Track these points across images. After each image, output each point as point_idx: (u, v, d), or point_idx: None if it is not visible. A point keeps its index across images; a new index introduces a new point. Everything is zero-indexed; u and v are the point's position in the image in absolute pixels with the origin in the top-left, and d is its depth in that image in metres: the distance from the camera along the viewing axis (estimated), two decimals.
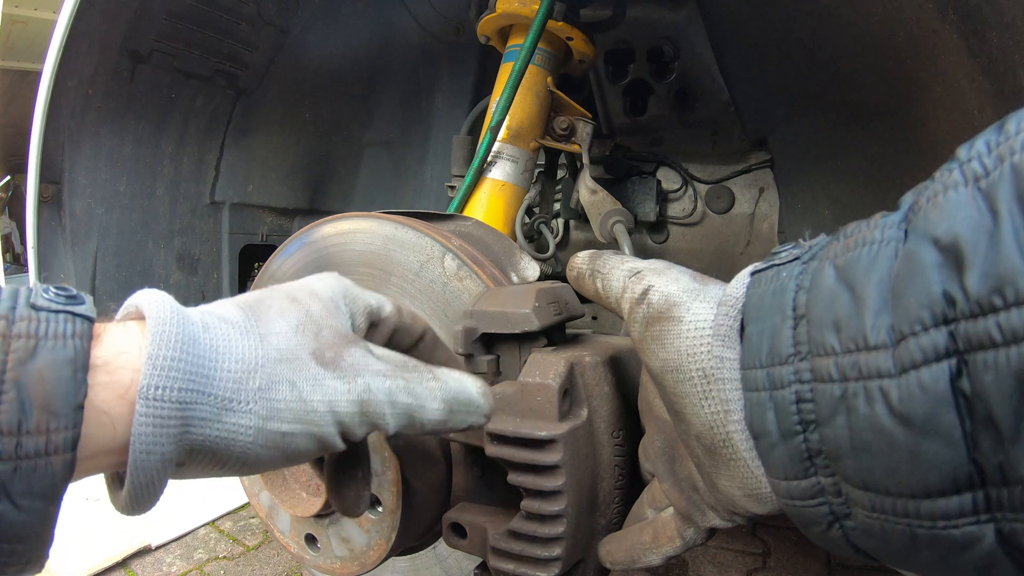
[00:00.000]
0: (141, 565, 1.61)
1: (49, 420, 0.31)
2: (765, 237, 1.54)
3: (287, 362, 0.38)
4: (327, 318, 0.41)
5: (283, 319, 0.40)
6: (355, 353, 0.40)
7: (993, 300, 0.25)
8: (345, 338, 0.41)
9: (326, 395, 0.38)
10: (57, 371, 0.31)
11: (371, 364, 0.40)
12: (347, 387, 0.38)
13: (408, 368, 0.42)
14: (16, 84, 4.40)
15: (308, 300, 0.42)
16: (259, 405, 0.36)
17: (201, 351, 0.36)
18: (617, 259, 0.49)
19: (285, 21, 1.36)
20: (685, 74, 1.46)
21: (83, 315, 0.34)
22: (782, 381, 0.34)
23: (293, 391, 0.37)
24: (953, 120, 0.90)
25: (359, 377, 0.39)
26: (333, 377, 0.38)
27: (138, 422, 0.33)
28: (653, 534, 0.50)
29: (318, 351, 0.39)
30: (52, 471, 0.31)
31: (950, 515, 0.28)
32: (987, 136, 0.27)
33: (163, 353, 0.34)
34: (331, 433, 0.38)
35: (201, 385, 0.35)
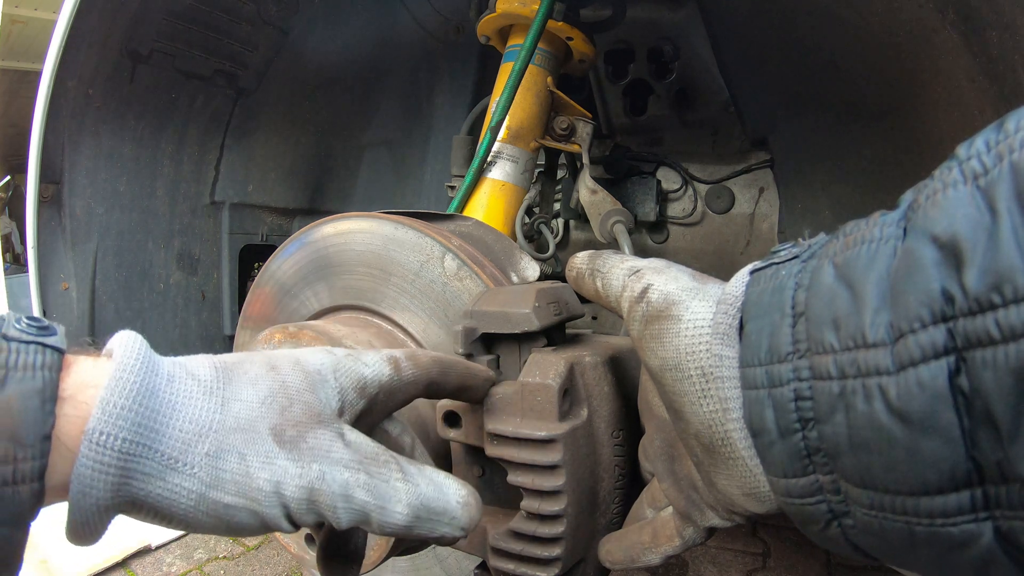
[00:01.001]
0: (141, 565, 1.61)
1: (17, 450, 0.31)
2: (765, 237, 1.54)
3: (242, 432, 0.37)
4: (303, 393, 0.40)
5: (253, 387, 0.38)
6: (321, 436, 0.39)
7: (992, 297, 0.25)
8: (316, 417, 0.39)
9: (274, 475, 0.36)
10: (25, 402, 0.31)
11: (334, 451, 0.38)
12: (299, 471, 0.37)
13: (378, 462, 0.40)
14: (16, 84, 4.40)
15: (289, 371, 0.40)
16: (204, 471, 0.35)
17: (157, 405, 0.35)
18: (617, 258, 0.49)
19: (285, 21, 1.36)
20: (685, 74, 1.46)
21: (53, 346, 0.34)
22: (781, 379, 0.34)
23: (241, 464, 0.36)
24: (953, 120, 0.90)
25: (315, 463, 0.37)
26: (286, 458, 0.37)
27: (79, 463, 0.33)
28: (652, 534, 0.50)
29: (279, 427, 0.38)
30: (19, 499, 0.31)
31: (948, 513, 0.28)
32: (986, 134, 0.27)
33: (115, 400, 0.33)
34: (275, 515, 0.37)
35: (149, 440, 0.34)
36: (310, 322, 0.69)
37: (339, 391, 0.42)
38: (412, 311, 0.68)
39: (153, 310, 1.32)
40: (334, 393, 0.41)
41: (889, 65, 1.02)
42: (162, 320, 1.33)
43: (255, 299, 0.80)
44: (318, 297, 0.74)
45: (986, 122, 0.28)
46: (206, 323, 1.42)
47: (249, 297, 0.81)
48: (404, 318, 0.68)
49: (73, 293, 1.16)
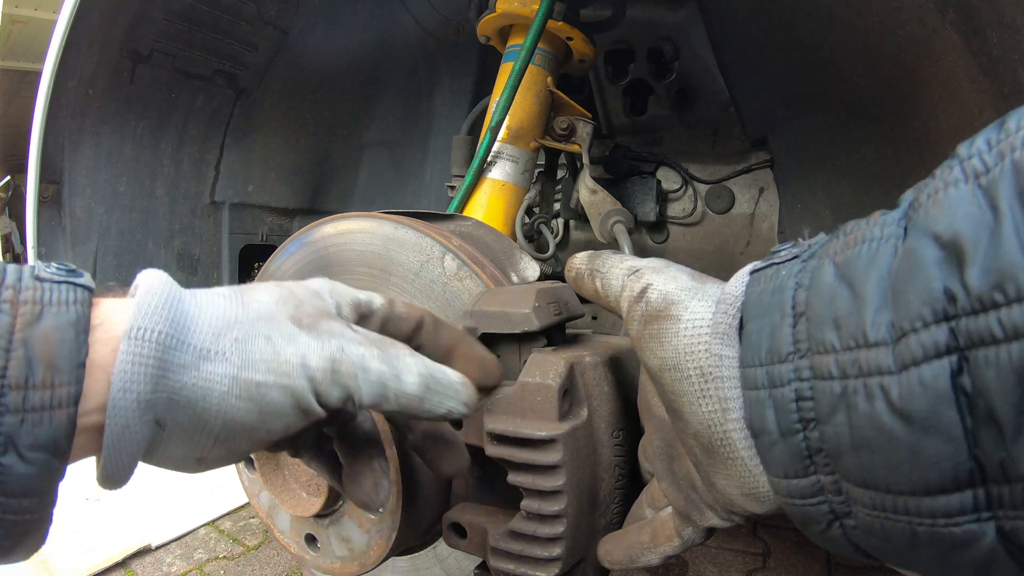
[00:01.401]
0: (141, 565, 1.61)
1: (54, 376, 0.33)
2: (765, 237, 1.54)
3: (265, 320, 0.40)
4: (310, 298, 0.43)
5: (266, 293, 0.42)
6: (333, 323, 0.42)
7: (994, 296, 0.25)
8: (325, 314, 0.43)
9: (299, 349, 0.39)
10: (61, 332, 0.34)
11: (347, 333, 0.42)
12: (320, 345, 0.40)
13: (386, 343, 0.43)
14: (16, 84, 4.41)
15: (293, 286, 0.44)
16: (235, 355, 0.38)
17: (185, 308, 0.38)
18: (616, 258, 0.49)
19: (285, 21, 1.36)
20: (685, 74, 1.46)
21: (83, 285, 0.37)
22: (781, 379, 0.34)
23: (268, 344, 0.39)
24: (953, 120, 0.90)
25: (333, 339, 0.41)
26: (308, 336, 0.40)
27: (119, 360, 0.35)
28: (652, 534, 0.50)
29: (296, 316, 0.41)
30: (56, 424, 0.33)
31: (950, 512, 0.28)
32: (987, 133, 0.27)
33: (149, 301, 0.36)
34: (303, 388, 0.39)
35: (182, 333, 0.37)
36: None
37: (335, 305, 0.45)
38: None
39: None
40: (331, 304, 0.45)
41: (889, 65, 1.02)
42: None
43: None
44: None
45: (986, 122, 0.28)
46: None
47: None
48: None
49: None
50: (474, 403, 0.45)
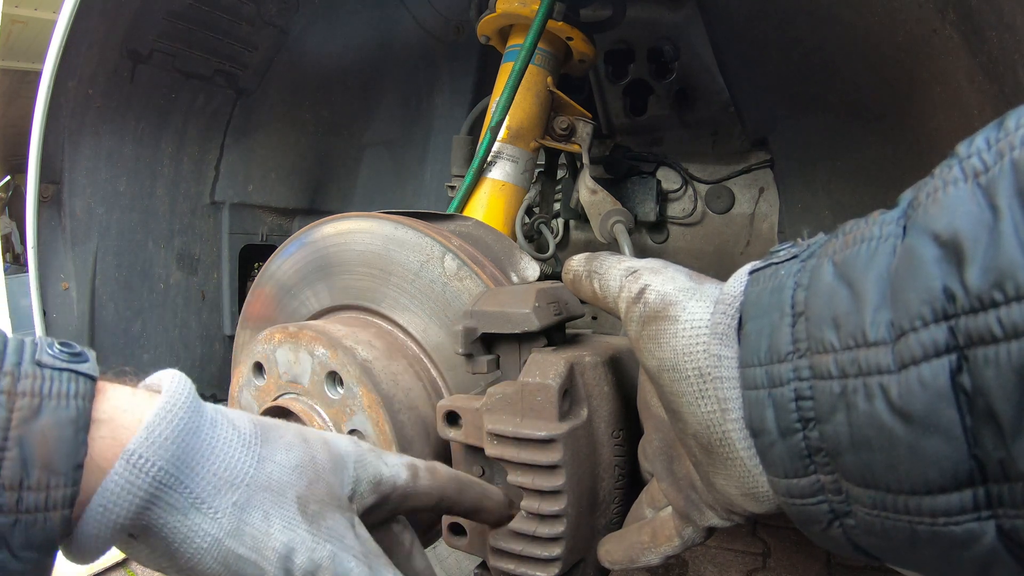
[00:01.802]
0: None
1: (50, 478, 0.32)
2: (765, 237, 1.54)
3: (272, 493, 0.38)
4: (328, 473, 0.41)
5: (287, 453, 0.40)
6: (338, 520, 0.40)
7: (993, 295, 0.25)
8: (336, 500, 0.41)
9: (291, 541, 0.38)
10: (59, 431, 0.32)
11: (347, 538, 0.40)
12: (314, 545, 0.38)
13: (380, 564, 0.41)
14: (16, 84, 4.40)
15: (319, 447, 0.42)
16: (228, 519, 0.36)
17: (197, 444, 0.36)
18: (614, 259, 0.49)
19: (285, 21, 1.36)
20: (685, 74, 1.46)
21: (86, 374, 0.35)
22: (781, 379, 0.34)
23: (264, 522, 0.37)
24: (953, 120, 0.90)
25: (329, 543, 0.39)
26: (306, 529, 0.38)
27: (110, 478, 0.33)
28: (652, 533, 0.50)
29: (304, 498, 0.39)
30: (51, 525, 0.32)
31: (951, 511, 0.28)
32: (987, 132, 0.27)
33: (160, 428, 0.35)
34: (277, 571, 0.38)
35: (183, 475, 0.35)
36: (310, 322, 0.69)
37: (354, 480, 0.43)
38: (412, 311, 0.68)
39: (153, 310, 1.31)
40: (349, 482, 0.43)
41: (889, 65, 1.02)
42: (162, 320, 1.33)
43: (255, 299, 0.80)
44: (318, 297, 0.74)
45: (986, 122, 0.28)
46: (206, 323, 1.42)
47: (249, 297, 0.81)
48: (404, 318, 0.68)
49: (73, 293, 1.16)
50: None
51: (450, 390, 0.67)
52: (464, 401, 0.57)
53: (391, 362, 0.64)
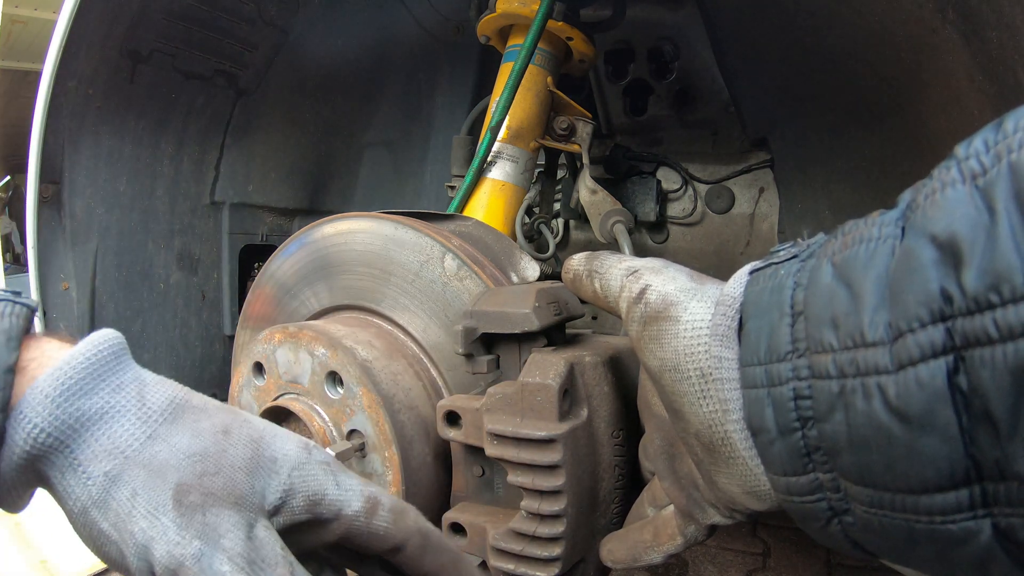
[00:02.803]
0: None
1: None
2: (765, 237, 1.54)
3: (146, 471, 0.35)
4: (237, 472, 0.36)
5: (192, 439, 0.37)
6: (224, 518, 0.35)
7: (990, 297, 0.25)
8: (233, 499, 0.36)
9: (151, 529, 0.34)
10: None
11: (227, 539, 0.34)
12: (177, 539, 0.34)
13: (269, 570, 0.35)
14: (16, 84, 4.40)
15: (240, 445, 0.37)
16: (97, 488, 0.35)
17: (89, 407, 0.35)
18: (614, 259, 0.49)
19: (285, 21, 1.36)
20: (685, 74, 1.46)
21: (24, 303, 0.37)
22: (780, 378, 0.34)
23: (130, 500, 0.34)
24: (953, 120, 0.90)
25: (198, 540, 0.34)
26: (172, 520, 0.34)
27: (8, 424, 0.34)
28: (654, 532, 0.50)
29: (184, 487, 0.35)
30: None
31: (947, 510, 0.28)
32: (985, 134, 0.27)
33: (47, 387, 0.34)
34: (141, 569, 0.34)
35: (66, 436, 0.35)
36: (310, 322, 0.69)
37: (285, 490, 0.38)
38: (412, 311, 0.68)
39: (153, 310, 1.31)
40: (277, 489, 0.38)
41: (889, 65, 1.02)
42: (162, 320, 1.33)
43: (255, 299, 0.80)
44: (318, 297, 0.74)
45: (985, 122, 0.28)
46: (206, 323, 1.42)
47: (249, 297, 0.81)
48: (404, 318, 0.68)
49: (73, 293, 1.16)
50: None
51: (450, 390, 0.67)
52: (464, 401, 0.57)
53: (391, 362, 0.64)
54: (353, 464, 0.61)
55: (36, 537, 1.71)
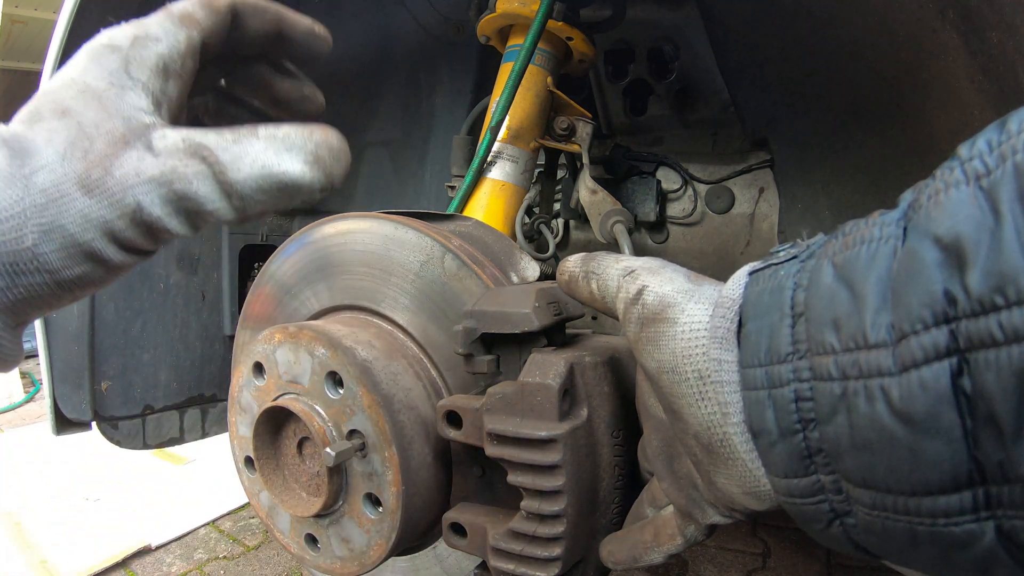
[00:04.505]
0: (141, 565, 1.61)
1: None
2: (765, 237, 1.54)
3: (54, 204, 0.34)
4: (103, 122, 0.36)
5: (50, 147, 0.35)
6: (126, 162, 0.35)
7: (995, 299, 0.25)
8: (122, 141, 0.36)
9: (97, 228, 0.35)
10: None
11: (143, 169, 0.35)
12: (117, 212, 0.35)
13: (186, 159, 0.36)
14: (16, 84, 4.40)
15: (81, 107, 0.36)
16: (42, 264, 0.34)
17: None
18: (611, 259, 0.49)
19: None
20: (685, 74, 1.46)
21: None
22: (781, 379, 0.34)
23: (66, 235, 0.35)
24: (953, 120, 0.90)
25: (128, 195, 0.35)
26: (100, 205, 0.35)
27: None
28: (654, 532, 0.50)
29: (85, 175, 0.35)
30: None
31: (950, 512, 0.28)
32: (988, 134, 0.27)
33: None
34: (113, 251, 0.36)
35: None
36: (310, 322, 0.69)
37: (143, 89, 0.37)
38: (412, 311, 0.68)
39: (153, 310, 1.31)
40: (140, 96, 0.37)
41: (889, 65, 1.02)
42: (162, 320, 1.33)
43: (255, 299, 0.80)
44: (318, 297, 0.74)
45: (986, 122, 0.28)
46: (206, 323, 1.42)
47: (249, 297, 0.81)
48: (404, 318, 0.68)
49: None
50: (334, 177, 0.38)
51: (450, 390, 0.67)
52: (464, 401, 0.57)
53: (391, 362, 0.64)
54: (354, 464, 0.61)
55: (36, 537, 1.72)
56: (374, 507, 0.60)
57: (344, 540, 0.63)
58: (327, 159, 0.37)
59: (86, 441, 1.34)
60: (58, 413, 1.18)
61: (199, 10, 0.40)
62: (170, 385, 1.34)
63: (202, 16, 0.40)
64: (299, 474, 0.64)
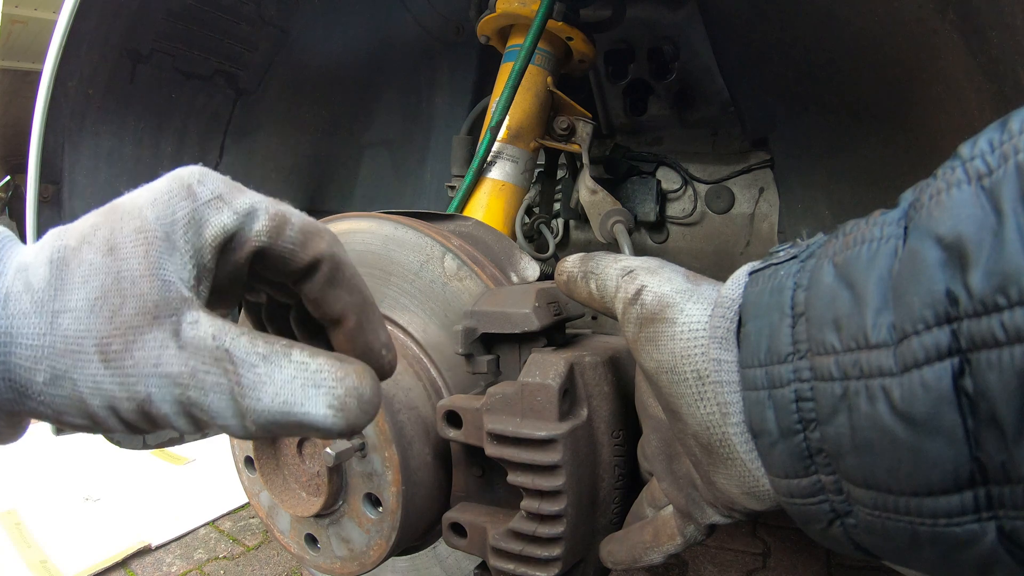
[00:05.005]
0: (141, 565, 1.61)
1: None
2: (765, 237, 1.54)
3: (71, 355, 0.33)
4: (140, 282, 0.33)
5: (84, 287, 0.33)
6: (150, 343, 0.32)
7: (997, 299, 0.25)
8: (151, 314, 0.33)
9: (104, 400, 0.33)
10: None
11: (163, 363, 0.32)
12: (126, 395, 0.33)
13: (211, 365, 0.33)
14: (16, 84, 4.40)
15: (130, 249, 0.33)
16: (47, 401, 0.33)
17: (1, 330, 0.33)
18: (610, 259, 0.49)
19: (285, 21, 1.36)
20: (685, 74, 1.46)
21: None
22: (781, 380, 0.34)
23: (74, 390, 0.33)
24: (953, 120, 0.90)
25: (140, 384, 0.32)
26: (111, 380, 0.33)
27: None
28: (654, 532, 0.50)
29: (105, 341, 0.33)
30: None
31: (952, 513, 0.28)
32: (990, 134, 0.27)
33: None
34: (123, 429, 0.34)
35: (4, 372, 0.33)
36: None
37: (192, 255, 0.34)
38: (412, 311, 0.68)
39: None
40: (186, 262, 0.34)
41: (889, 65, 1.02)
42: None
43: None
44: None
45: (986, 122, 0.28)
46: None
47: None
48: (404, 318, 0.68)
49: None
50: (357, 422, 0.34)
51: (450, 390, 0.67)
52: (464, 401, 0.57)
53: None
54: (354, 464, 0.61)
55: (36, 537, 1.72)
56: (374, 507, 0.60)
57: (344, 540, 0.63)
58: (354, 408, 0.34)
59: (86, 441, 1.34)
60: None
61: (294, 228, 0.37)
62: None
63: (290, 236, 0.36)
64: (299, 474, 0.64)
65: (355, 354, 0.39)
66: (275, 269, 0.37)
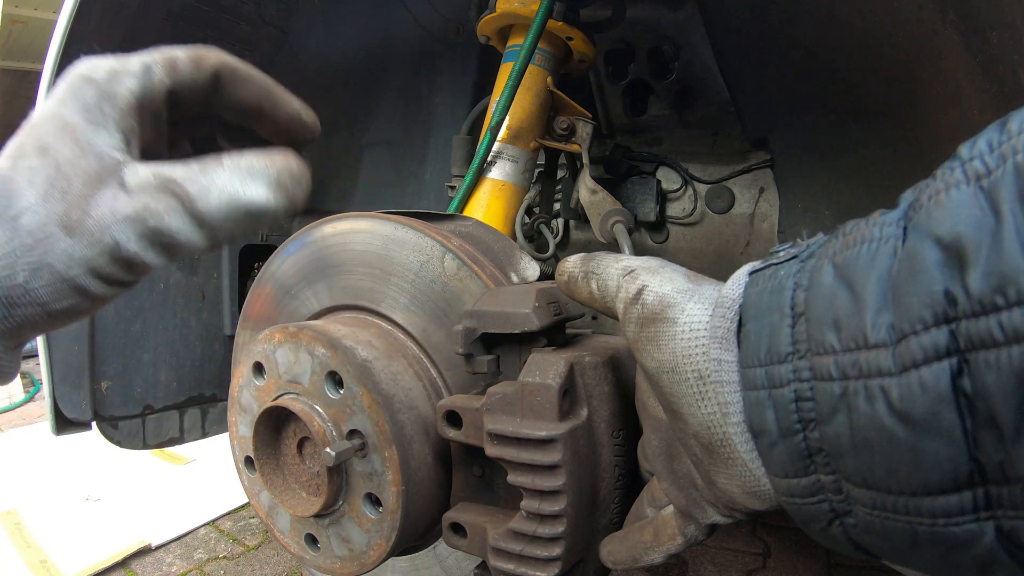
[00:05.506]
0: (141, 565, 1.61)
1: None
2: (765, 237, 1.54)
3: (41, 244, 0.37)
4: (79, 159, 0.38)
5: (32, 188, 0.37)
6: (102, 202, 0.37)
7: (995, 299, 0.25)
8: (96, 179, 0.38)
9: (82, 266, 0.37)
10: None
11: (119, 208, 0.37)
12: (97, 250, 0.37)
13: (157, 195, 0.38)
14: (16, 84, 4.40)
15: (59, 143, 0.38)
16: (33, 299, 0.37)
17: None
18: (610, 258, 0.49)
19: (285, 21, 1.36)
20: (685, 74, 1.46)
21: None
22: (781, 379, 0.34)
23: (53, 272, 0.37)
24: (953, 120, 0.90)
25: (106, 235, 0.37)
26: (81, 245, 0.37)
27: None
28: (654, 532, 0.50)
29: (65, 216, 0.37)
30: None
31: (950, 513, 0.28)
32: (989, 135, 0.27)
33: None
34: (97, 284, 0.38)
35: None
36: (310, 322, 0.69)
37: (115, 125, 0.39)
38: (412, 311, 0.68)
39: (153, 310, 1.31)
40: (111, 132, 0.39)
41: (889, 65, 1.02)
42: (162, 320, 1.33)
43: (255, 299, 0.80)
44: (318, 297, 0.74)
45: (986, 122, 0.28)
46: (206, 323, 1.42)
47: (249, 297, 0.81)
48: (404, 318, 0.68)
49: None
50: (296, 200, 0.40)
51: (450, 390, 0.67)
52: (464, 401, 0.57)
53: (391, 362, 0.64)
54: (354, 464, 0.61)
55: (36, 537, 1.72)
56: (374, 507, 0.60)
57: (344, 540, 0.63)
58: (289, 184, 0.40)
59: (86, 441, 1.34)
60: (58, 413, 1.18)
61: (184, 61, 0.42)
62: (170, 385, 1.34)
63: (185, 67, 0.42)
64: (299, 474, 0.64)
65: (282, 129, 0.47)
66: (189, 100, 0.42)
